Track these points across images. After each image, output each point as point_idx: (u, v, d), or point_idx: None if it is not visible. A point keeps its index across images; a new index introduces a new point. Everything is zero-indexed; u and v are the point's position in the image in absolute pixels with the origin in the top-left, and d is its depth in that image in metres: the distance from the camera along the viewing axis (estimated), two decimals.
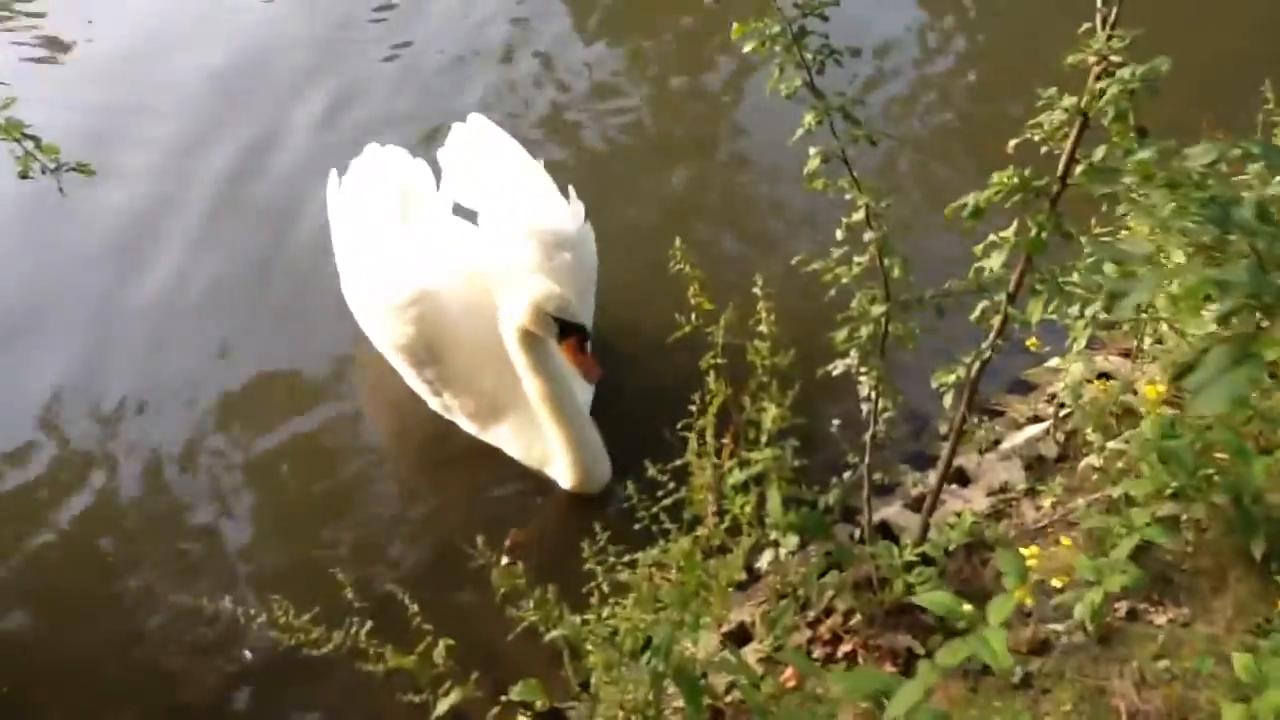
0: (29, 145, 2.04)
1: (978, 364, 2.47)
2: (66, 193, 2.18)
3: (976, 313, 2.38)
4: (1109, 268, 2.24)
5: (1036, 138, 2.14)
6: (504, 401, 3.53)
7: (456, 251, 3.69)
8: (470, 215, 3.88)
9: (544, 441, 3.47)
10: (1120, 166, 1.82)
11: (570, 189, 3.80)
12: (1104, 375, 3.38)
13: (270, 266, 4.31)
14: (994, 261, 2.20)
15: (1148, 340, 3.34)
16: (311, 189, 4.25)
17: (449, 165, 3.88)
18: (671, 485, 2.46)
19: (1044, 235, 2.14)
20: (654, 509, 2.38)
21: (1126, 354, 3.61)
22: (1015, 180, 2.07)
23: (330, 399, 3.91)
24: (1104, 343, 3.70)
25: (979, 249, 2.28)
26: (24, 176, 2.07)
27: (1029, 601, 2.54)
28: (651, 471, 2.42)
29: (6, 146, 2.11)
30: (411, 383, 3.70)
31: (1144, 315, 3.17)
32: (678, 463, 2.50)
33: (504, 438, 3.60)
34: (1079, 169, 2.08)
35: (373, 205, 3.68)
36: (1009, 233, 2.20)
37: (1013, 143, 2.18)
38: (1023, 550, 2.68)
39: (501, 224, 3.70)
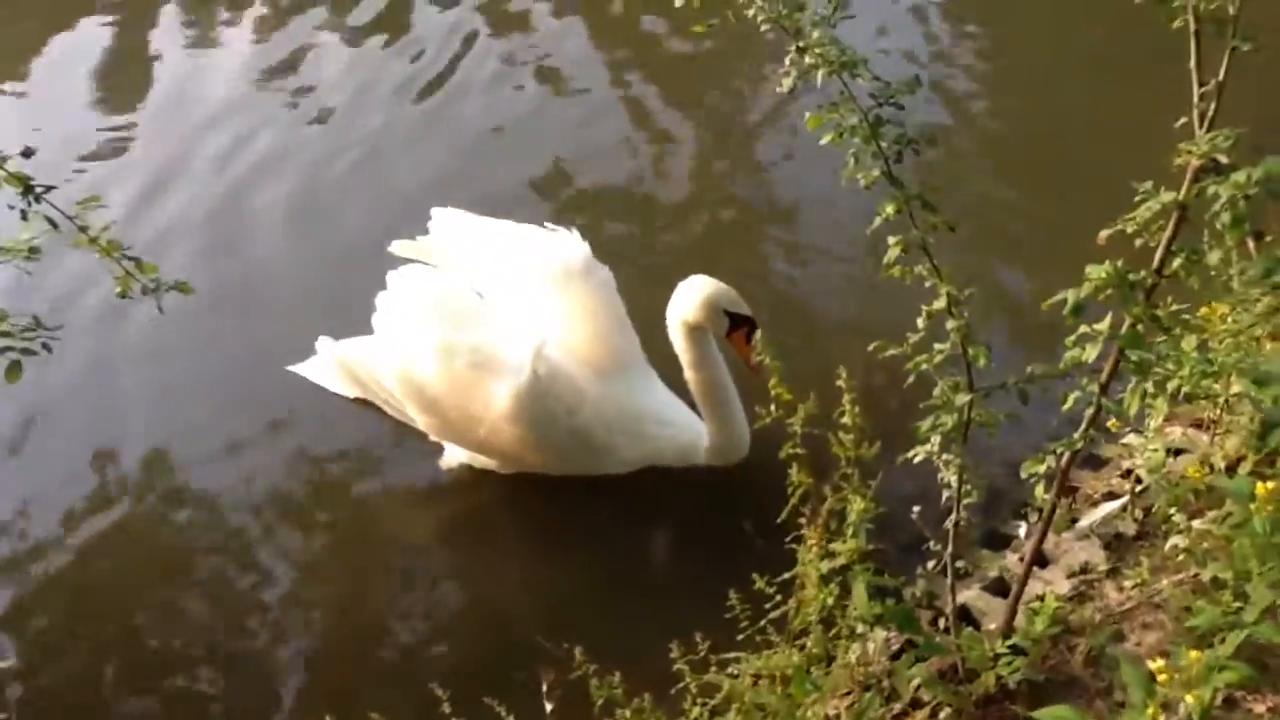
0: (129, 265, 2.06)
1: (1068, 454, 2.42)
2: (165, 311, 2.19)
3: (1069, 403, 2.34)
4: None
5: (1130, 229, 2.11)
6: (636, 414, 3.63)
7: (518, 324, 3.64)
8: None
9: (688, 436, 3.62)
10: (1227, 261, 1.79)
11: (573, 229, 3.78)
12: (1179, 451, 3.33)
13: None
14: (1089, 354, 2.16)
15: (1218, 410, 3.28)
16: None
17: (439, 259, 3.78)
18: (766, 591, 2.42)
19: (1140, 328, 2.11)
20: (761, 622, 2.34)
21: (1199, 425, 3.56)
22: (1112, 275, 2.05)
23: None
24: (1174, 414, 3.65)
25: (1070, 341, 2.24)
26: (123, 296, 2.09)
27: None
28: (760, 584, 2.38)
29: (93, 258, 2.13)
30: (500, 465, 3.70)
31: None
32: (785, 575, 2.46)
33: (657, 451, 3.67)
34: (1176, 262, 2.05)
35: (434, 343, 3.48)
36: (1103, 325, 2.17)
37: (1105, 233, 2.16)
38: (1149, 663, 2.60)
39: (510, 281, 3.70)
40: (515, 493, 3.76)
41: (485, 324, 3.52)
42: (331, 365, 3.75)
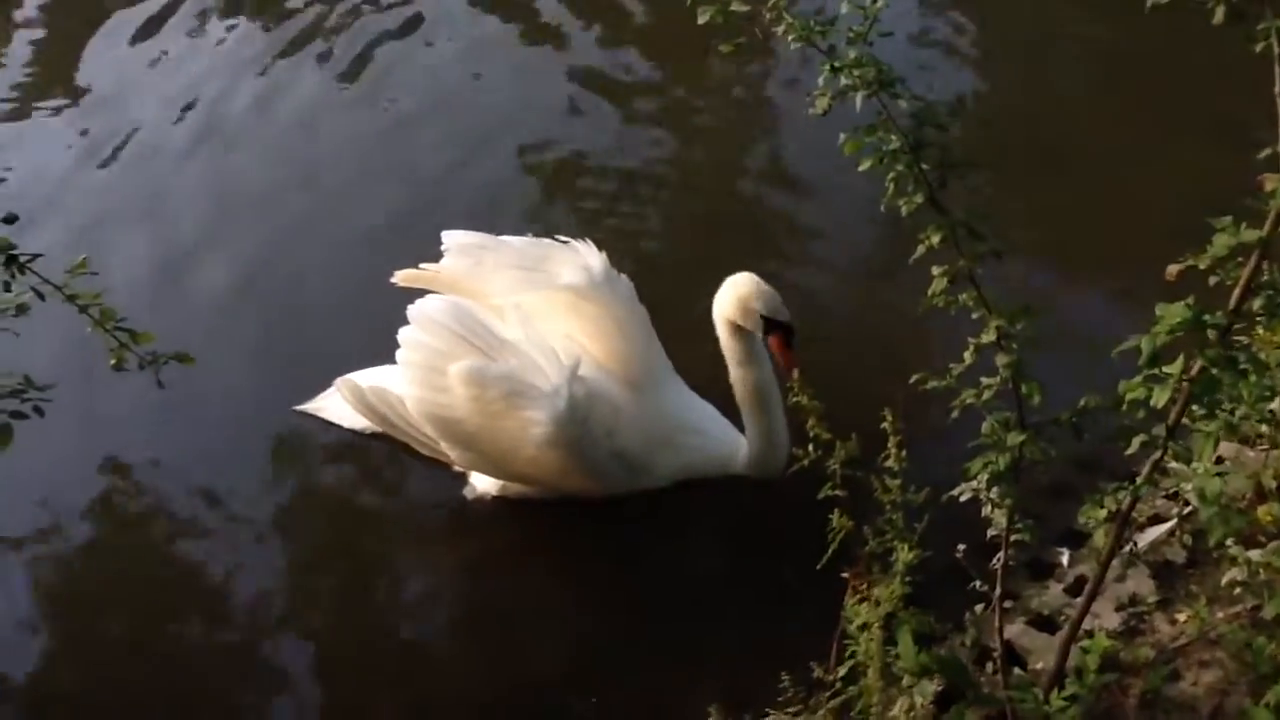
0: (123, 336, 1.90)
1: (1129, 499, 2.28)
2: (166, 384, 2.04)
3: (1134, 446, 2.19)
4: None
5: (1203, 265, 1.96)
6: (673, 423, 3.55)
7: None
8: None
9: (725, 447, 3.53)
10: None
11: (586, 241, 3.63)
12: (1219, 461, 3.18)
13: None
14: (1159, 398, 2.01)
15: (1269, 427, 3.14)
16: None
17: (453, 286, 3.59)
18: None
19: (1215, 372, 1.96)
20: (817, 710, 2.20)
21: (1244, 440, 3.41)
22: (1187, 318, 1.90)
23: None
24: None
25: (1134, 384, 2.09)
26: (117, 368, 1.95)
27: None
28: (818, 672, 2.25)
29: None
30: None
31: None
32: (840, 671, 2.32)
33: (693, 463, 3.57)
34: (1257, 302, 1.90)
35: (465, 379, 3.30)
36: (1174, 368, 2.02)
37: (1174, 268, 2.01)
38: None
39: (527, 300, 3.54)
40: (545, 526, 3.64)
41: (514, 349, 3.34)
42: (351, 402, 3.57)
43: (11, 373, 2.02)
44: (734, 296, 3.30)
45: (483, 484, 3.66)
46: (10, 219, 1.80)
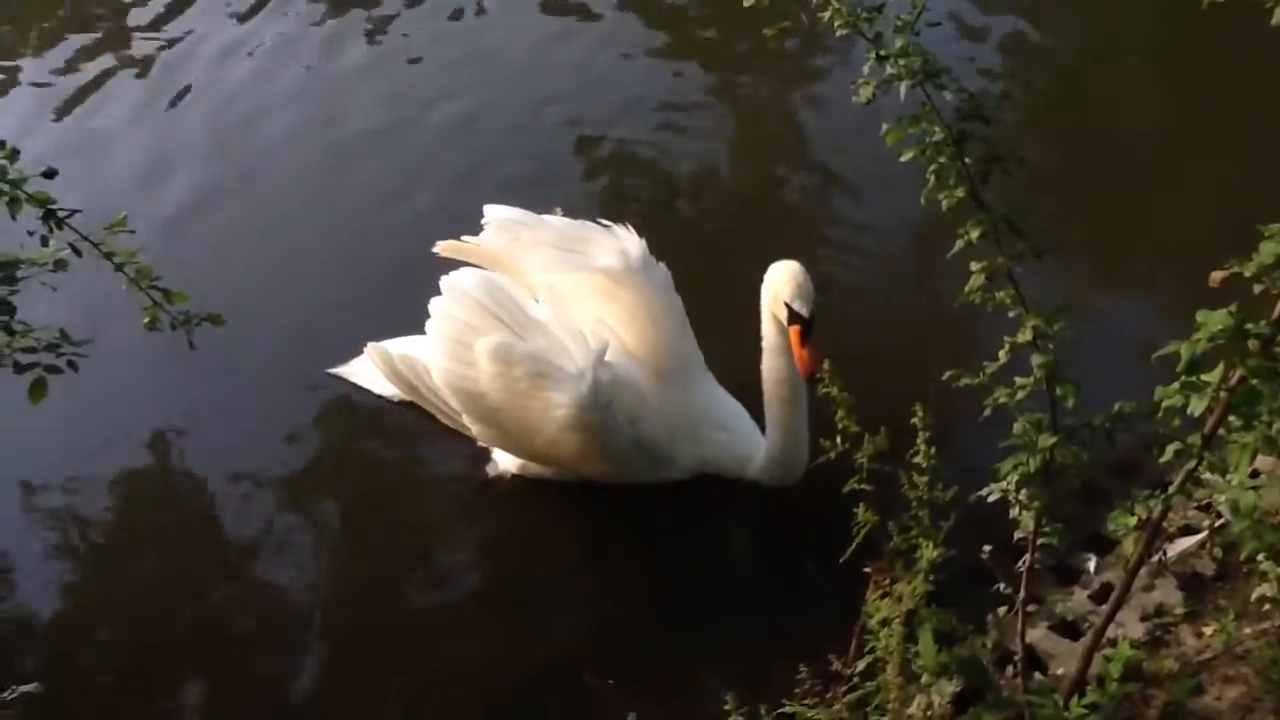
0: (157, 295, 1.92)
1: (1160, 508, 2.24)
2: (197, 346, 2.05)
3: (1168, 454, 2.15)
4: None
5: (1248, 273, 1.91)
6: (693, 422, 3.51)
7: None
8: None
9: (746, 447, 3.48)
10: None
11: (627, 226, 3.61)
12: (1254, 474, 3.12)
13: None
14: (1196, 406, 1.98)
15: None
16: None
17: (491, 261, 3.60)
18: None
19: (1255, 383, 1.92)
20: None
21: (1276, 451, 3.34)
22: (1229, 326, 1.85)
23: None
24: None
25: (1171, 390, 2.05)
26: (151, 328, 1.96)
27: None
28: (836, 665, 2.23)
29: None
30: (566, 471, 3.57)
31: None
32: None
33: (713, 456, 3.54)
34: None
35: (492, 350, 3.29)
36: (1213, 376, 1.98)
37: (1217, 275, 1.97)
38: None
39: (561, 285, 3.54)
40: (565, 507, 3.63)
41: (543, 329, 3.34)
42: (382, 371, 3.60)
43: (48, 326, 2.04)
44: (770, 280, 3.25)
45: (504, 461, 3.67)
46: (50, 174, 1.82)
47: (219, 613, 3.52)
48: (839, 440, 2.51)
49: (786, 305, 3.16)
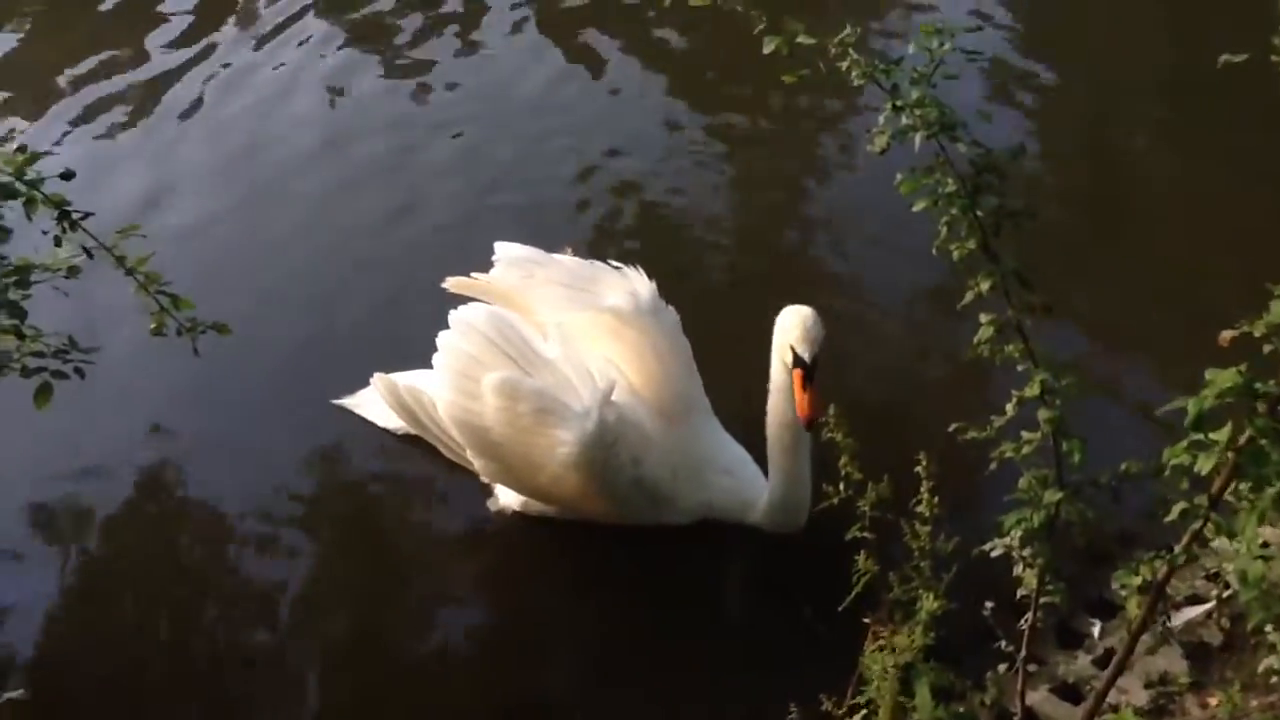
0: (165, 301, 1.93)
1: (1165, 569, 2.21)
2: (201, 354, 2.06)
3: (1174, 514, 2.12)
4: None
5: (1258, 332, 1.91)
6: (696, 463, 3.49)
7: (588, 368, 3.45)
8: None
9: (749, 491, 3.46)
10: None
11: (638, 268, 3.62)
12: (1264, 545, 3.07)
13: None
14: (1204, 465, 1.95)
15: None
16: None
17: (500, 297, 3.62)
18: None
19: (1264, 444, 1.90)
20: None
21: None
22: (1237, 384, 1.84)
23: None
24: None
25: (1179, 449, 2.03)
26: (157, 334, 1.97)
27: None
28: (828, 705, 2.20)
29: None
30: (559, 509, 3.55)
31: None
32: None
33: (715, 501, 3.51)
34: None
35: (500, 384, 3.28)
36: (1221, 435, 1.96)
37: (1227, 334, 1.96)
38: None
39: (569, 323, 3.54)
40: (565, 546, 3.60)
41: (549, 366, 3.34)
42: (387, 402, 3.60)
43: (58, 333, 2.05)
44: (780, 322, 3.22)
45: (506, 498, 3.65)
46: (67, 175, 1.84)
47: (212, 637, 3.49)
48: (842, 486, 2.50)
49: (791, 348, 3.15)
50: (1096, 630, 3.23)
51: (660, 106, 5.42)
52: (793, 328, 3.17)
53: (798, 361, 3.14)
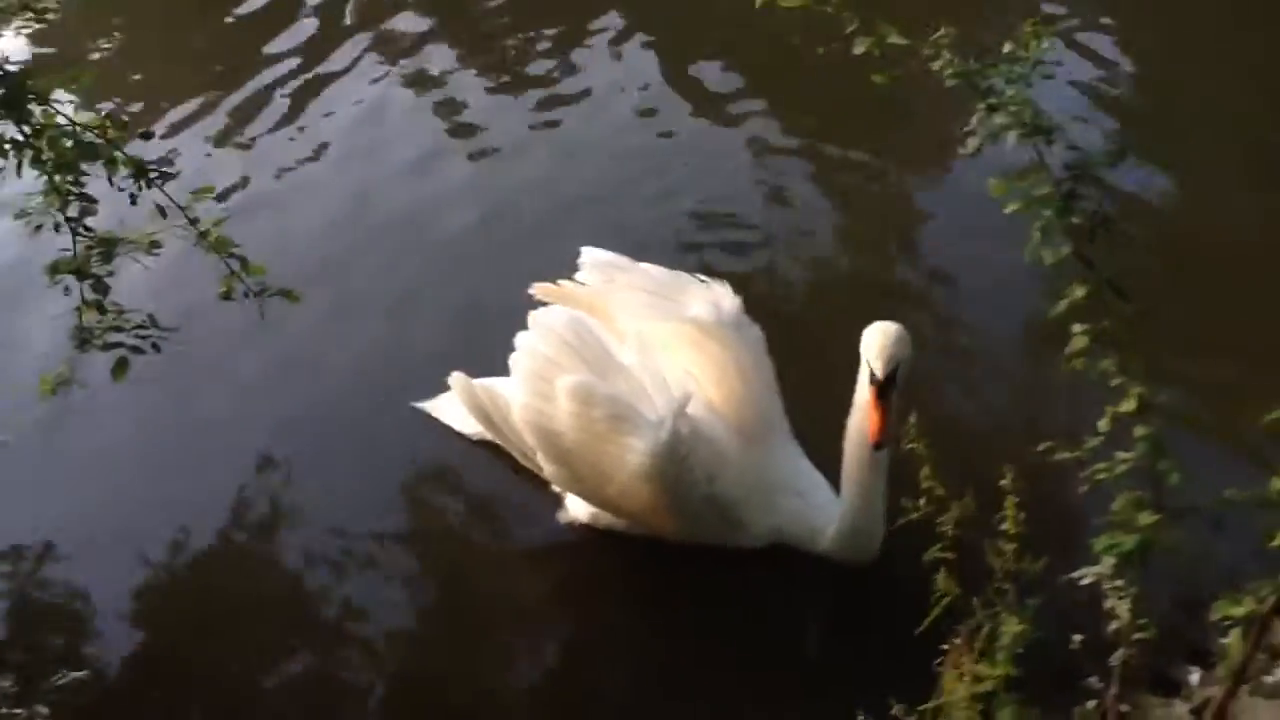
0: (235, 265, 1.95)
1: (1273, 598, 2.05)
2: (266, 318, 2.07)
3: (1278, 540, 1.98)
4: None
5: None
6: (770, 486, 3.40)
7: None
8: None
9: (820, 518, 3.34)
10: None
11: (725, 284, 3.56)
12: None
13: None
14: None
15: None
16: None
17: (583, 303, 3.59)
18: None
19: None
20: None
21: None
22: None
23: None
24: None
25: None
26: (226, 297, 1.99)
27: None
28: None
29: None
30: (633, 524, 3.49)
31: None
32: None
33: (785, 525, 3.41)
34: None
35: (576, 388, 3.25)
36: None
37: None
38: None
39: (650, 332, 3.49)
40: (634, 562, 3.52)
41: (626, 374, 3.29)
42: (462, 401, 3.58)
43: (139, 310, 2.08)
44: (863, 338, 3.10)
45: (575, 508, 3.60)
46: (147, 135, 1.87)
47: (272, 644, 3.49)
48: (922, 501, 2.39)
49: (868, 364, 3.05)
50: (1195, 678, 3.03)
51: (755, 129, 5.37)
52: (872, 344, 3.07)
53: (872, 377, 3.04)
